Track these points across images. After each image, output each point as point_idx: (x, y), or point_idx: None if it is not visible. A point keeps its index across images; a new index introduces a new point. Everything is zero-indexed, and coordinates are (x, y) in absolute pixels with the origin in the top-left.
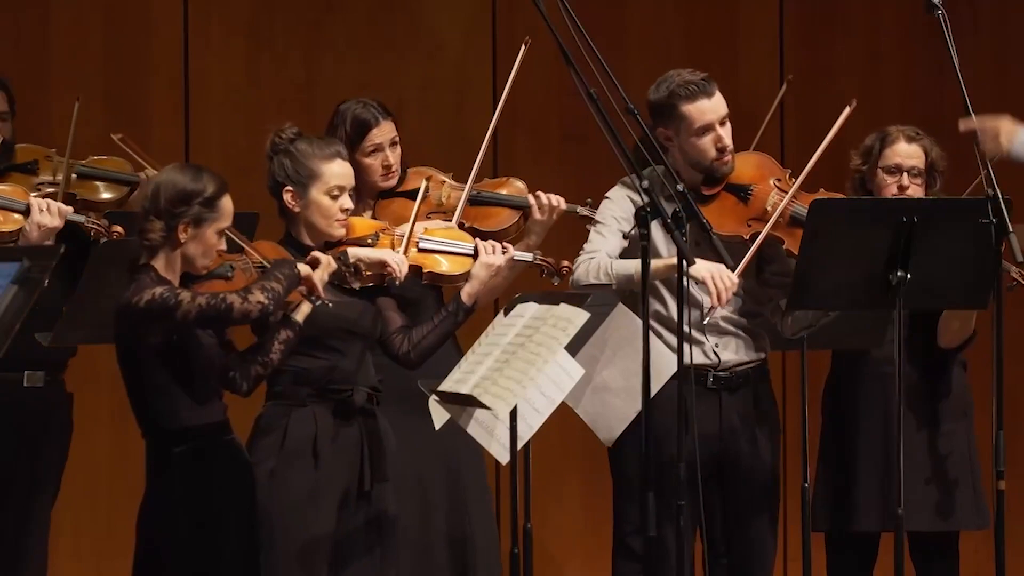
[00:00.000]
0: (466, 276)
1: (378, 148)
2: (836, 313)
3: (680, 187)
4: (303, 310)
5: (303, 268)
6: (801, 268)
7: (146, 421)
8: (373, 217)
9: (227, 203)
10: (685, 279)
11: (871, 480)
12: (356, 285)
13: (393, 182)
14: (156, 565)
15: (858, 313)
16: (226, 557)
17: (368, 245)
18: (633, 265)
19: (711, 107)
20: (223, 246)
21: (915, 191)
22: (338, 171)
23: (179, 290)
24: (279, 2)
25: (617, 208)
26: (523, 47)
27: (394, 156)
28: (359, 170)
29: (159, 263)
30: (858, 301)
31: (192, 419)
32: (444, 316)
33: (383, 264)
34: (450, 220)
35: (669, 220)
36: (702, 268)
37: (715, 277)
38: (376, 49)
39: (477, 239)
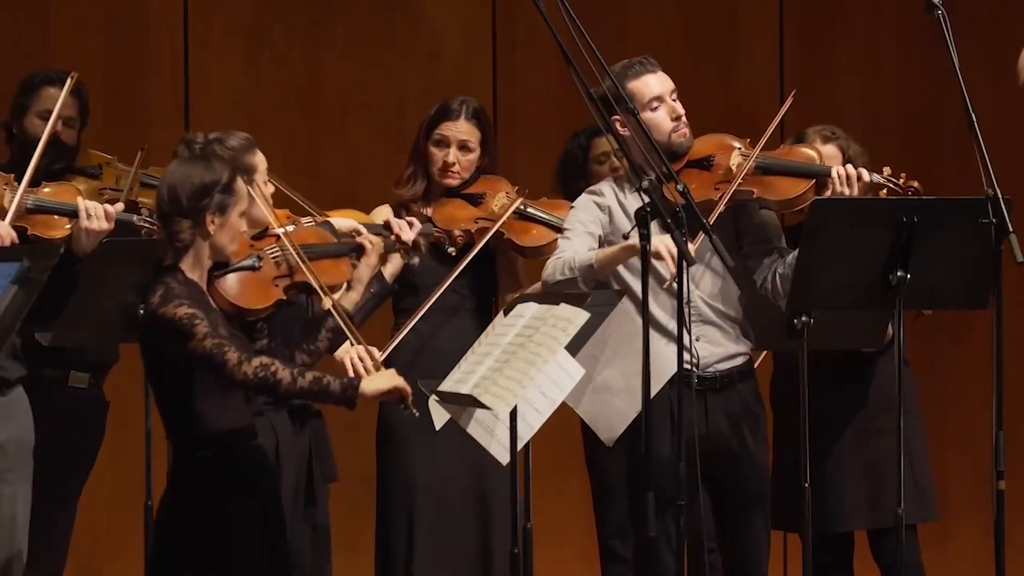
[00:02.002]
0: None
1: (443, 141)
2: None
3: (681, 187)
4: (352, 298)
5: (373, 389)
6: (801, 268)
7: (170, 424)
8: (431, 215)
9: (241, 184)
10: (686, 279)
11: (812, 482)
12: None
13: (451, 182)
14: (172, 568)
15: (858, 313)
16: (246, 565)
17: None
18: (592, 256)
19: (657, 80)
20: (245, 227)
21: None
22: (262, 157)
23: (200, 320)
24: (279, 2)
25: (581, 212)
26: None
27: (456, 157)
28: (425, 158)
29: (186, 263)
30: (858, 301)
31: (217, 424)
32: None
33: None
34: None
35: (669, 220)
36: (654, 242)
37: (660, 245)
38: (376, 49)
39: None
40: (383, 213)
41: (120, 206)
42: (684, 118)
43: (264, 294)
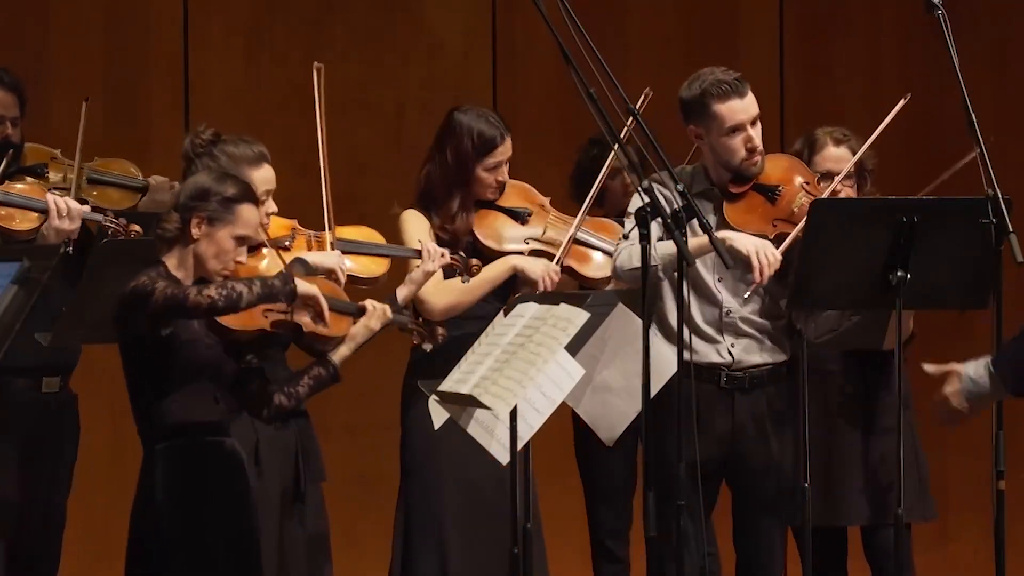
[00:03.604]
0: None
1: (499, 164)
2: (858, 316)
3: (680, 187)
4: (341, 352)
5: (304, 288)
6: (801, 268)
7: (138, 415)
8: (473, 227)
9: (247, 211)
10: (685, 279)
11: (813, 478)
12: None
13: (497, 195)
14: (142, 562)
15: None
16: (212, 558)
17: (284, 248)
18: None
19: (742, 107)
20: (243, 257)
21: (847, 193)
22: (266, 176)
23: (161, 279)
24: (279, 2)
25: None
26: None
27: (506, 173)
28: (472, 180)
29: (171, 260)
30: (858, 301)
31: (180, 417)
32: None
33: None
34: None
35: (669, 220)
36: (746, 242)
37: (759, 251)
38: (376, 49)
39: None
40: (414, 224)
41: (88, 207)
42: (760, 147)
43: (247, 318)
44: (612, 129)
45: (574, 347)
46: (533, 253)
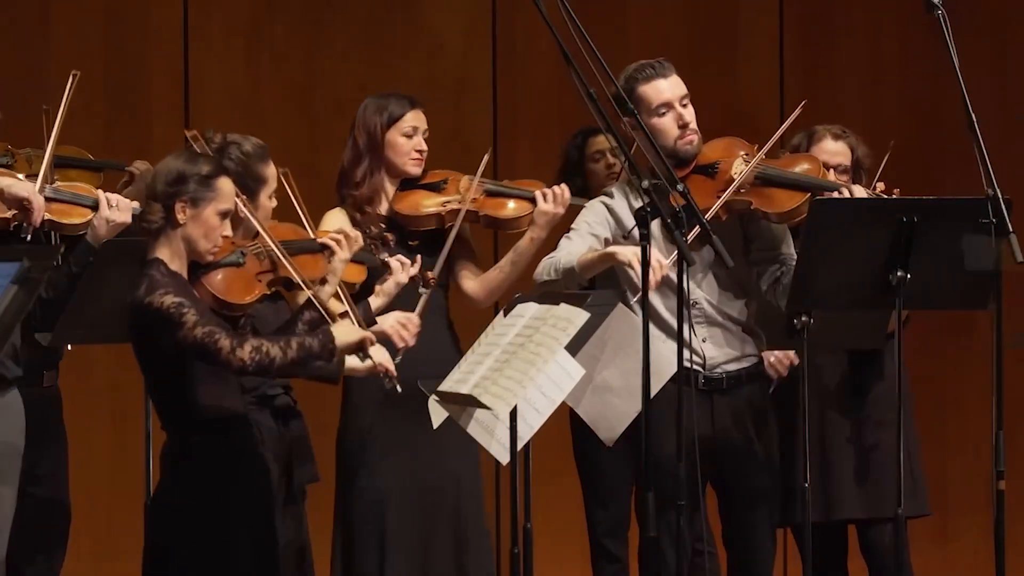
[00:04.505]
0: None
1: (415, 131)
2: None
3: (681, 187)
4: (326, 290)
5: (342, 337)
6: (801, 268)
7: (165, 410)
8: (390, 203)
9: (225, 184)
10: (686, 280)
11: (810, 472)
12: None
13: (419, 170)
14: (165, 555)
15: (858, 312)
16: (236, 550)
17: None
18: (574, 260)
19: (668, 86)
20: (228, 231)
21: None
22: (274, 170)
23: (187, 308)
24: (279, 2)
25: (590, 214)
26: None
27: (423, 143)
28: (389, 150)
29: (165, 253)
30: (858, 301)
31: (212, 410)
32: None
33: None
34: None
35: (669, 220)
36: (627, 252)
37: (638, 258)
38: (376, 49)
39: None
40: (336, 220)
41: (136, 204)
42: (693, 125)
43: (248, 289)
44: (611, 128)
45: (574, 347)
46: (449, 213)
